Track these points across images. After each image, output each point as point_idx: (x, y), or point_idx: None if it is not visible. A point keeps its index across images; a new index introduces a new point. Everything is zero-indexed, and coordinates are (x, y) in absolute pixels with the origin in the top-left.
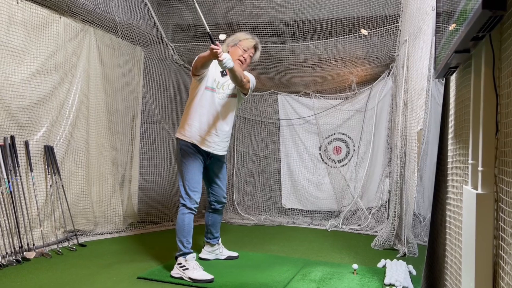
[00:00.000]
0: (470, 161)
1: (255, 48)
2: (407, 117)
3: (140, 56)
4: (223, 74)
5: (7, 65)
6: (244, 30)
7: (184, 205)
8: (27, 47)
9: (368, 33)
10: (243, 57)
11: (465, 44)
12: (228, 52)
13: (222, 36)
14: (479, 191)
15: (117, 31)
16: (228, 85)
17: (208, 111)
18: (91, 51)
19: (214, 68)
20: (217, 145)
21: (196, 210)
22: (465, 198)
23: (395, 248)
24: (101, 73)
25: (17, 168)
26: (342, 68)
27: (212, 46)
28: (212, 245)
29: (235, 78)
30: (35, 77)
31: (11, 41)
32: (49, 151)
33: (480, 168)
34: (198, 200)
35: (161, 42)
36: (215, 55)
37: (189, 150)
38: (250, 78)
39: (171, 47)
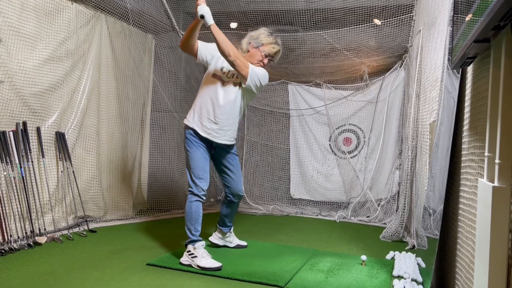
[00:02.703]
0: (486, 154)
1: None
2: (419, 108)
3: (151, 43)
4: None
5: (20, 51)
6: (259, 21)
7: (192, 193)
8: (39, 33)
9: (381, 23)
10: (263, 63)
11: (485, 33)
12: (248, 51)
13: (233, 25)
14: (496, 184)
15: (129, 19)
16: (235, 74)
17: (209, 96)
18: (103, 38)
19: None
20: (215, 133)
21: (204, 198)
22: (480, 191)
23: (404, 240)
24: (112, 60)
25: (29, 154)
26: (354, 58)
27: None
28: (224, 233)
29: (218, 47)
30: (47, 63)
31: (24, 27)
32: (60, 138)
33: (497, 161)
34: (205, 188)
35: (172, 30)
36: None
37: (192, 138)
38: (258, 72)
39: (182, 34)
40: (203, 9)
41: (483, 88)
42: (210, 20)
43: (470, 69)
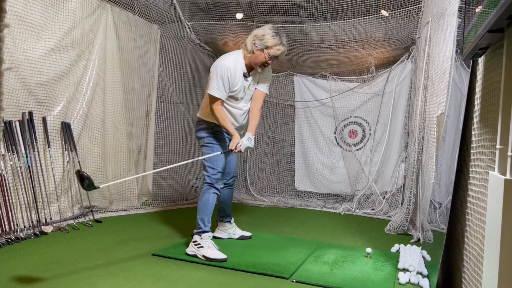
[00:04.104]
0: (498, 146)
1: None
2: (426, 101)
3: (157, 34)
4: (245, 76)
5: (26, 40)
6: (265, 11)
7: (212, 185)
8: (45, 22)
9: (389, 14)
10: (267, 63)
11: (500, 23)
12: (253, 53)
13: (239, 15)
14: (508, 176)
15: (134, 8)
16: (250, 85)
17: (226, 110)
18: (108, 28)
19: (241, 82)
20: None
21: (221, 191)
22: (491, 184)
23: (409, 233)
24: (118, 50)
25: (35, 144)
26: (360, 50)
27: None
28: (225, 224)
29: None
30: (53, 53)
31: (29, 16)
32: (66, 128)
33: (509, 153)
34: (223, 182)
35: (177, 20)
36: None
37: (217, 134)
38: (268, 84)
39: (188, 25)
40: (244, 145)
41: (495, 80)
42: (252, 144)
43: (481, 60)
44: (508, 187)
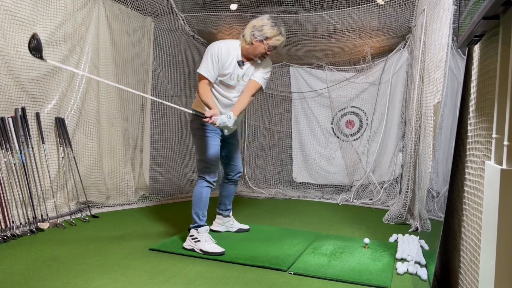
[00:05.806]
0: (494, 135)
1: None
2: (423, 90)
3: (150, 27)
4: (240, 64)
5: (16, 35)
6: (260, 2)
7: (204, 178)
8: (36, 17)
9: (384, 2)
10: (267, 54)
11: (495, 10)
12: (252, 44)
13: (233, 6)
14: (504, 166)
15: (126, 1)
16: (244, 75)
17: (217, 97)
18: (100, 21)
19: (233, 67)
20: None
21: (214, 185)
22: (487, 173)
23: (407, 223)
24: (111, 44)
25: (29, 140)
26: (356, 39)
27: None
28: (224, 217)
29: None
30: (44, 47)
31: (19, 10)
32: (60, 123)
33: (505, 143)
34: (217, 175)
35: (171, 12)
36: (213, 123)
37: (209, 125)
38: (265, 76)
39: (181, 17)
40: (221, 119)
41: (491, 67)
42: (231, 123)
43: (477, 48)
44: (505, 177)
